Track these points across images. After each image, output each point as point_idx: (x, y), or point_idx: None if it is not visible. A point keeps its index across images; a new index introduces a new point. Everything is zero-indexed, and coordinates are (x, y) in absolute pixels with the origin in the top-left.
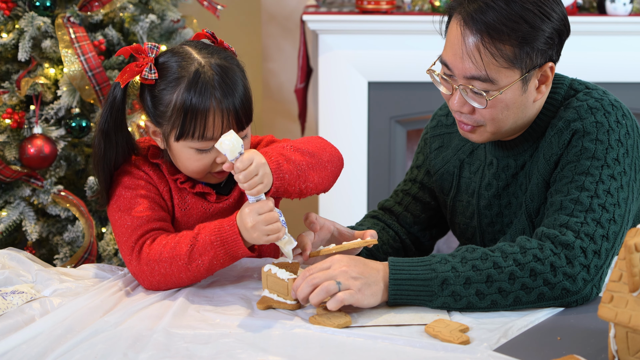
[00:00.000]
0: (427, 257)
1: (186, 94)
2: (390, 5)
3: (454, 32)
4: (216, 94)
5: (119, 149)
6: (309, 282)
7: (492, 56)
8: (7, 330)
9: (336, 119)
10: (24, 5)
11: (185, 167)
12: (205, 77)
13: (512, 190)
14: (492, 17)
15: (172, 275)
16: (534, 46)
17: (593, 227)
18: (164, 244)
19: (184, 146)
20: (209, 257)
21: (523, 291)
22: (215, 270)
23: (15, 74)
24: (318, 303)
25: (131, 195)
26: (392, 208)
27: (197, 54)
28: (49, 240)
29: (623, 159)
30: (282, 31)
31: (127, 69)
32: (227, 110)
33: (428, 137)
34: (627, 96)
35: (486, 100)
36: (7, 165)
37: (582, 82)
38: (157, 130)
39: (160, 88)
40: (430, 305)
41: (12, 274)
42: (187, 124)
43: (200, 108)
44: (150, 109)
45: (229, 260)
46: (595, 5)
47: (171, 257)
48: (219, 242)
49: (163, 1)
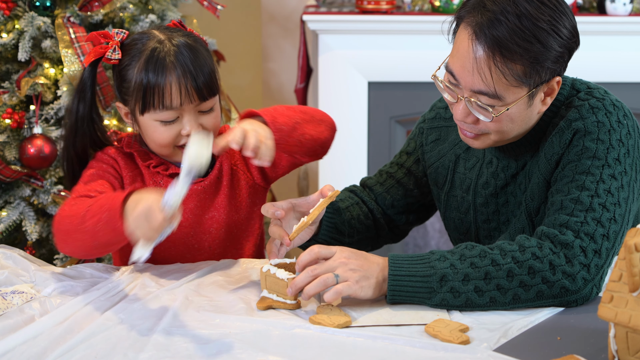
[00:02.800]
0: (426, 254)
1: (144, 65)
2: (390, 5)
3: (463, 43)
4: (173, 65)
5: (86, 135)
6: (309, 272)
7: (503, 75)
8: (7, 330)
9: (336, 119)
10: (24, 5)
11: (154, 140)
12: (162, 49)
13: (510, 189)
14: (503, 33)
15: (68, 233)
16: (544, 65)
17: (593, 227)
18: (76, 203)
19: (150, 119)
20: (94, 220)
21: (521, 288)
22: (99, 240)
23: (15, 74)
24: (313, 294)
25: (89, 172)
26: (372, 187)
27: (158, 33)
28: (49, 240)
29: (624, 158)
30: (282, 31)
31: (92, 50)
32: (184, 78)
33: (425, 127)
34: (627, 96)
35: (492, 115)
36: (7, 165)
37: (584, 82)
38: (126, 109)
39: (124, 65)
40: (429, 302)
41: (11, 274)
42: (147, 95)
43: (159, 77)
44: (117, 89)
45: (110, 232)
46: (595, 5)
47: (72, 215)
48: (107, 207)
49: (163, 1)
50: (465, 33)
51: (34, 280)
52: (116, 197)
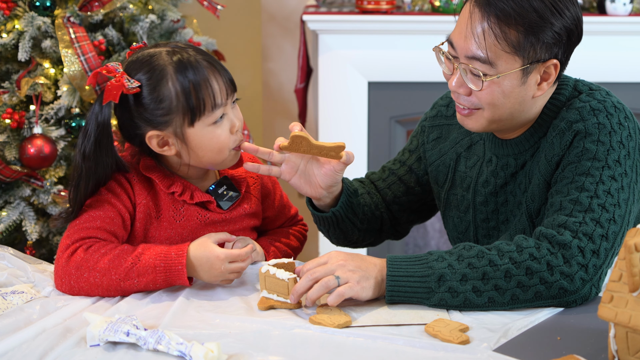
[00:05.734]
0: (424, 255)
1: (178, 75)
2: (390, 5)
3: (464, 11)
4: (205, 63)
5: (106, 169)
6: (308, 277)
7: (496, 37)
8: (7, 330)
9: (336, 119)
10: (24, 5)
11: (214, 148)
12: (183, 55)
13: (510, 188)
14: (505, 2)
15: (100, 286)
16: (540, 37)
17: (592, 227)
18: (102, 253)
19: (202, 127)
20: (146, 279)
21: (520, 289)
22: (149, 289)
23: (15, 74)
24: (316, 298)
25: (103, 198)
26: (376, 182)
27: (158, 49)
28: (49, 240)
29: (624, 160)
30: (282, 31)
31: (109, 87)
32: (218, 73)
33: (427, 125)
34: (627, 96)
35: (482, 81)
36: (7, 165)
37: (586, 83)
38: (166, 135)
39: (150, 89)
40: (428, 302)
41: (11, 275)
42: (196, 100)
43: (200, 78)
44: (148, 119)
45: (163, 286)
46: (595, 5)
47: (106, 269)
48: (162, 268)
49: (163, 1)
50: (469, 3)
51: (32, 280)
52: (170, 256)
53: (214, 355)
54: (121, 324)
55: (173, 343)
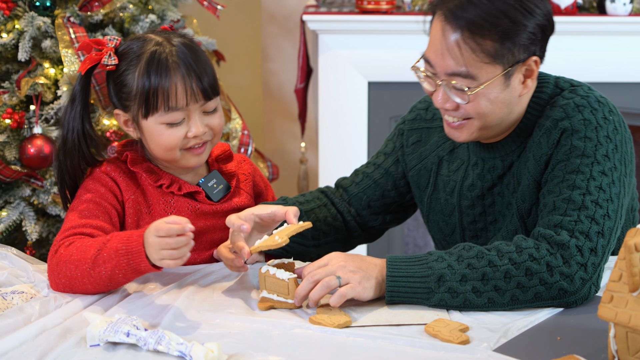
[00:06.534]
0: (423, 255)
1: (145, 68)
2: (390, 5)
3: (435, 28)
4: (176, 65)
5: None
6: (309, 279)
7: (473, 51)
8: (7, 330)
9: (336, 119)
10: (24, 5)
11: (160, 145)
12: (163, 50)
13: (497, 190)
14: (473, 13)
15: (75, 279)
16: (516, 41)
17: (587, 225)
18: (78, 246)
19: (155, 123)
20: (111, 265)
21: (519, 290)
22: (117, 282)
23: (15, 74)
24: (318, 299)
25: (86, 198)
26: (347, 187)
27: (154, 36)
28: (49, 240)
29: (613, 154)
30: (282, 31)
31: (87, 58)
32: (189, 76)
33: (405, 129)
34: (627, 96)
35: (467, 95)
36: (7, 165)
37: (567, 80)
38: (127, 116)
39: (122, 70)
40: (428, 303)
41: (11, 275)
42: (151, 98)
43: (162, 79)
44: (115, 96)
45: (131, 273)
46: (595, 5)
47: (77, 260)
48: (124, 251)
49: (163, 1)
50: (438, 21)
51: (33, 280)
52: (132, 238)
53: (214, 355)
54: (121, 324)
55: (173, 343)
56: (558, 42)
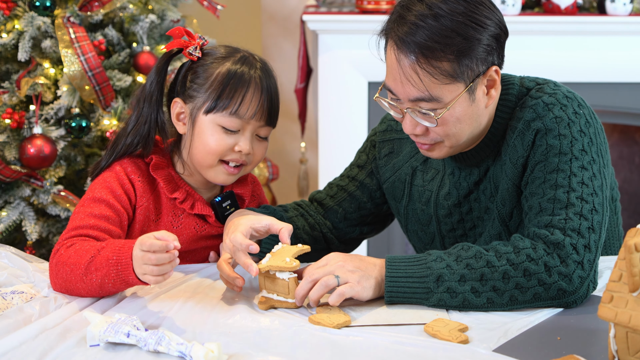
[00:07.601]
0: (422, 255)
1: (233, 66)
2: (390, 6)
3: (390, 57)
4: (259, 79)
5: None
6: (307, 278)
7: (431, 75)
8: (7, 330)
9: (336, 119)
10: (24, 5)
11: (206, 144)
12: (253, 61)
13: (473, 196)
14: (423, 37)
15: (70, 282)
16: (472, 56)
17: (577, 221)
18: (77, 249)
19: (212, 122)
20: (101, 274)
21: (518, 290)
22: (107, 291)
23: (15, 74)
24: (318, 298)
25: (99, 196)
26: (322, 201)
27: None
28: (49, 240)
29: (589, 147)
30: (282, 31)
31: (176, 40)
32: (266, 91)
33: (377, 140)
34: (628, 96)
35: (435, 119)
36: (7, 165)
37: (532, 79)
38: (184, 108)
39: (205, 62)
40: (427, 303)
41: (11, 275)
42: (225, 93)
43: (244, 79)
44: (184, 84)
45: (119, 283)
46: (595, 5)
47: (73, 264)
48: (114, 261)
49: (163, 1)
50: (390, 48)
51: (33, 280)
52: (124, 249)
53: (214, 355)
54: (121, 324)
55: (173, 343)
56: (558, 42)
